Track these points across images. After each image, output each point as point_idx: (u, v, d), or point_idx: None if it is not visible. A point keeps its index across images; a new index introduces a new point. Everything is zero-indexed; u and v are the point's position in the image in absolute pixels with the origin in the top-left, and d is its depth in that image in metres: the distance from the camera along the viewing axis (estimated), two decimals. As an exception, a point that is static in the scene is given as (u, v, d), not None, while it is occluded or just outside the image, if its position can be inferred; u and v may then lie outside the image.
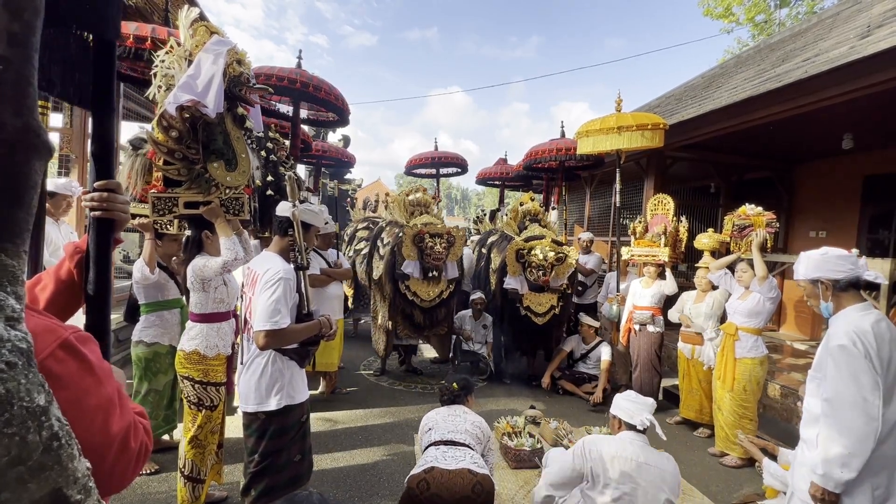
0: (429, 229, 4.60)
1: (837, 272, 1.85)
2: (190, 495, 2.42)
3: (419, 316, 4.79)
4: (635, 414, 2.10)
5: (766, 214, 4.05)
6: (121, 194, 1.07)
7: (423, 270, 4.64)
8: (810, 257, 1.95)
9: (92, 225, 1.05)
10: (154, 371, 2.96)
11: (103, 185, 1.04)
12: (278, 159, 3.26)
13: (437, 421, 2.42)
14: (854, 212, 6.17)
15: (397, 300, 4.75)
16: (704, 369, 4.04)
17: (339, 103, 5.00)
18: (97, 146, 1.06)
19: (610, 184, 7.74)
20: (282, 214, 2.12)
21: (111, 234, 1.06)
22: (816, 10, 12.82)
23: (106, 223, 1.05)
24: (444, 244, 4.57)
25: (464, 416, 2.43)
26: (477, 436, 2.34)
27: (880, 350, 1.68)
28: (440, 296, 4.75)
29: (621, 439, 2.07)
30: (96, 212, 1.03)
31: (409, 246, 4.57)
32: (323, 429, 3.72)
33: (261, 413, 2.03)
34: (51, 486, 0.50)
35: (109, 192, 1.04)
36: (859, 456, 1.65)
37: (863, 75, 3.58)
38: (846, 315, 1.81)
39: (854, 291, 1.85)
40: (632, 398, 2.20)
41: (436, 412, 2.51)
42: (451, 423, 2.37)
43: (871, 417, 1.65)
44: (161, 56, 2.34)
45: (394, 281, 4.71)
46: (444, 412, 2.48)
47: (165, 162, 2.33)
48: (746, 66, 6.59)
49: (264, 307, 1.90)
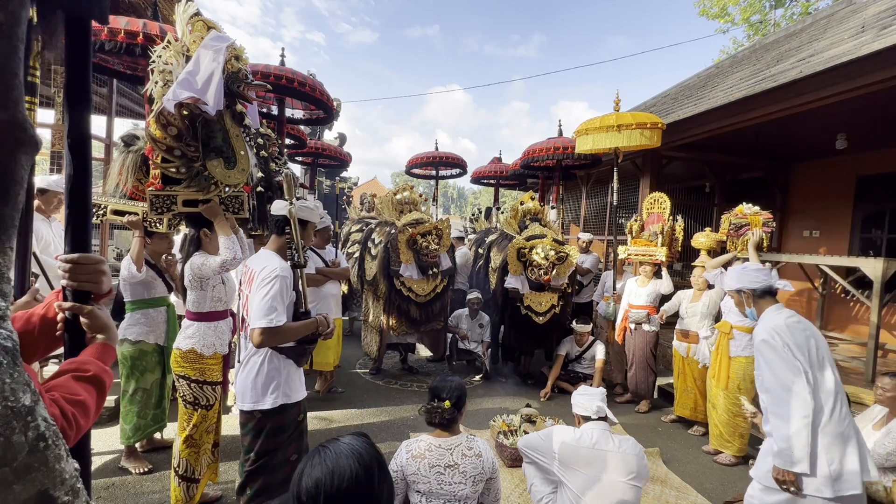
0: (418, 229, 4.70)
1: (755, 283, 2.21)
2: (184, 495, 2.40)
3: (415, 311, 4.84)
4: (587, 405, 2.22)
5: (762, 214, 4.08)
6: (89, 264, 0.98)
7: (422, 269, 4.75)
8: (733, 272, 2.33)
9: (66, 293, 0.99)
10: (141, 369, 2.93)
11: (67, 258, 0.98)
12: (269, 155, 3.23)
13: (430, 482, 1.83)
14: (847, 211, 6.22)
15: (393, 297, 4.80)
16: (699, 368, 4.06)
17: (324, 99, 4.97)
18: (73, 138, 0.99)
19: (606, 183, 7.76)
20: (278, 213, 2.11)
21: (87, 302, 1.00)
22: (811, 11, 12.90)
23: (79, 292, 0.99)
24: (435, 239, 4.71)
25: (462, 469, 1.85)
26: (478, 492, 1.91)
27: (796, 339, 2.00)
28: (434, 290, 4.84)
29: (583, 429, 2.18)
30: (67, 282, 0.98)
31: (405, 251, 4.67)
32: (318, 428, 3.71)
33: (257, 411, 2.01)
34: (37, 488, 0.49)
35: (75, 265, 0.97)
36: (803, 432, 1.90)
37: (857, 76, 3.60)
38: (765, 316, 2.16)
39: (770, 297, 2.21)
40: (581, 392, 2.32)
41: (426, 461, 1.86)
42: (449, 486, 1.83)
43: (801, 398, 1.93)
44: (158, 51, 2.30)
45: (389, 278, 4.74)
46: (436, 462, 1.86)
47: (164, 160, 2.30)
48: (742, 66, 6.62)
49: (260, 304, 1.89)
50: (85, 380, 0.86)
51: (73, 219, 1.00)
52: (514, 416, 3.65)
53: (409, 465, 1.87)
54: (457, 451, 1.90)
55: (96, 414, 0.87)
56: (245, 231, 3.15)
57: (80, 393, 0.82)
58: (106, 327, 1.00)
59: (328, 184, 10.94)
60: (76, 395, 0.81)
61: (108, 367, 0.95)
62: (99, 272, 1.00)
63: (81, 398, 0.82)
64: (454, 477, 1.85)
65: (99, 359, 0.93)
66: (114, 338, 1.01)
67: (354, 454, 0.93)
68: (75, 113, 0.99)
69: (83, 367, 0.88)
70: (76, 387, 0.83)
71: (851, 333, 5.97)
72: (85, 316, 0.98)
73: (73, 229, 1.00)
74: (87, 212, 1.02)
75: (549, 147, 6.55)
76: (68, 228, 1.00)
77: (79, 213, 1.00)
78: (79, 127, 0.99)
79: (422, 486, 1.85)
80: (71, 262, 0.97)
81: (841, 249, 6.20)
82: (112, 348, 1.00)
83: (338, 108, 7.74)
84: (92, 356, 0.93)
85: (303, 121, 6.12)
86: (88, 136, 1.02)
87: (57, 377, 0.86)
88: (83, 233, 1.01)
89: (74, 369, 0.87)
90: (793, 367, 1.97)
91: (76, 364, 0.89)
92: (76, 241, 1.00)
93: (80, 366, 0.89)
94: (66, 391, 0.82)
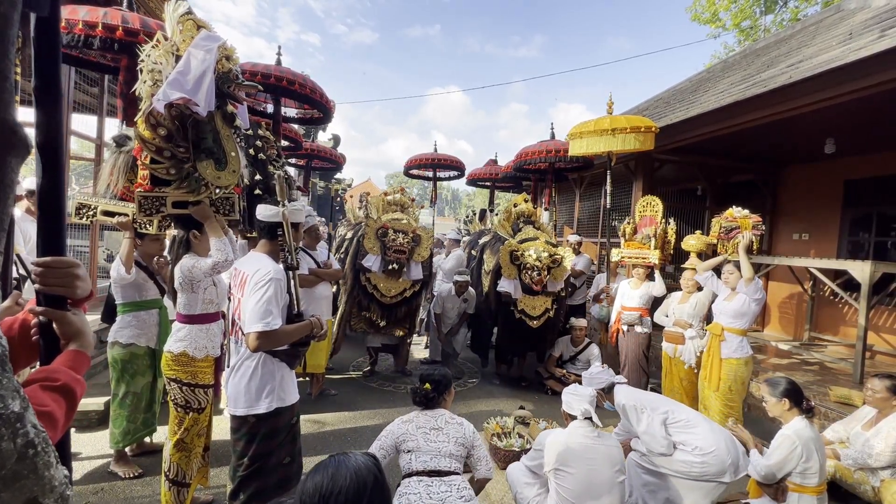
0: (393, 224, 4.57)
1: (602, 383, 2.83)
2: (174, 499, 2.37)
3: (376, 311, 4.67)
4: (575, 405, 2.30)
5: (752, 217, 4.12)
6: (61, 267, 0.95)
7: (384, 263, 4.55)
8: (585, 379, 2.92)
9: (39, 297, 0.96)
10: (132, 373, 2.89)
11: (38, 261, 0.94)
12: (268, 158, 3.21)
13: (418, 440, 2.09)
14: (835, 214, 6.32)
15: (355, 292, 4.65)
16: (685, 368, 4.10)
17: (322, 99, 4.94)
18: (42, 136, 0.93)
19: (599, 185, 7.81)
20: (270, 219, 2.07)
21: (62, 307, 0.98)
22: (800, 18, 13.10)
23: (52, 296, 0.96)
24: (407, 239, 4.53)
25: (446, 431, 2.13)
26: (461, 455, 2.13)
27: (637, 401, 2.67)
28: (402, 294, 4.65)
29: (569, 429, 2.27)
30: (39, 286, 0.95)
31: (372, 239, 4.52)
32: (311, 430, 3.68)
33: (251, 416, 1.99)
34: (26, 496, 0.49)
35: (46, 268, 0.94)
36: None
37: (844, 81, 3.66)
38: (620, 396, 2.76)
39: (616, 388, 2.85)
40: (571, 391, 2.40)
41: (413, 423, 2.16)
42: (434, 444, 2.08)
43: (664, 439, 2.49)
44: (147, 50, 2.28)
45: (355, 271, 4.63)
46: (423, 424, 2.15)
47: (153, 160, 2.27)
48: (733, 71, 6.70)
49: (255, 308, 1.87)
50: (54, 389, 0.82)
51: (44, 221, 0.97)
52: (507, 419, 3.66)
53: (399, 427, 2.15)
54: (440, 419, 2.19)
55: (65, 426, 0.83)
56: (237, 232, 3.13)
57: (48, 404, 0.79)
58: (79, 334, 0.96)
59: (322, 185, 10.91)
60: (44, 405, 0.78)
61: (81, 375, 0.91)
62: (72, 276, 0.96)
63: (49, 409, 0.78)
64: (439, 437, 2.11)
65: (71, 367, 0.89)
66: (87, 345, 0.97)
67: (354, 467, 1.03)
68: (44, 111, 0.94)
69: (53, 377, 0.84)
70: (44, 397, 0.80)
71: (840, 335, 6.06)
72: (57, 321, 0.94)
73: (45, 232, 0.97)
74: (59, 214, 0.98)
75: (541, 150, 6.59)
76: (40, 231, 0.97)
77: (51, 216, 0.97)
78: (49, 126, 0.95)
79: (410, 443, 2.09)
80: (42, 266, 0.94)
81: (829, 252, 6.29)
82: (86, 356, 0.96)
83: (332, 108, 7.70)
84: (63, 364, 0.89)
85: (298, 120, 6.10)
86: (60, 136, 0.97)
87: (26, 386, 0.82)
88: (56, 236, 0.98)
89: (43, 378, 0.83)
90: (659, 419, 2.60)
91: (46, 373, 0.86)
92: (48, 244, 0.97)
93: (49, 374, 0.85)
94: (33, 402, 0.79)
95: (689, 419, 2.53)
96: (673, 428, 2.52)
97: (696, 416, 2.59)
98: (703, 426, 2.49)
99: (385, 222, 4.57)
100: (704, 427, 2.48)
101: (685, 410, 2.63)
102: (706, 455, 2.37)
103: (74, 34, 3.09)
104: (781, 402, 2.47)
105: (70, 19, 3.09)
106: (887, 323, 5.67)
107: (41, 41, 0.93)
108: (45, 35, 0.94)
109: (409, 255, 4.61)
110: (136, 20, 3.23)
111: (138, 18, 3.26)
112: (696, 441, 2.42)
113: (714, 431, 2.46)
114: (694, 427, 2.48)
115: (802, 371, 4.93)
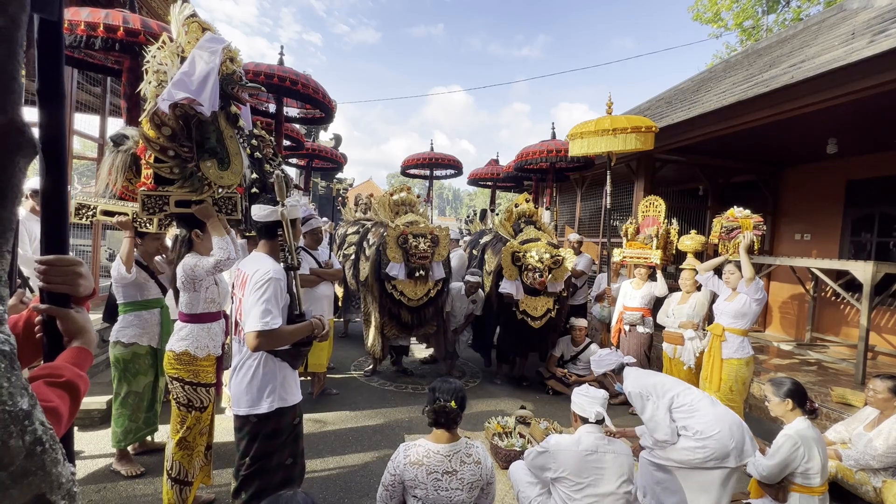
0: (411, 229, 4.55)
1: (611, 364, 2.89)
2: (177, 498, 2.38)
3: (406, 315, 4.73)
4: (587, 407, 2.23)
5: (753, 217, 4.12)
6: (63, 265, 0.96)
7: (409, 271, 4.54)
8: (592, 361, 3.08)
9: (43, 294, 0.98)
10: (133, 372, 2.90)
11: (41, 259, 0.96)
12: (264, 156, 3.22)
13: (427, 489, 1.85)
14: (837, 215, 6.30)
15: (384, 300, 4.71)
16: (684, 369, 4.10)
17: (324, 99, 4.95)
18: (45, 137, 0.95)
19: (601, 185, 7.80)
20: (265, 219, 2.06)
21: (65, 304, 0.99)
22: (803, 17, 13.07)
23: (55, 294, 0.97)
24: (428, 243, 4.50)
25: (461, 475, 1.88)
26: (473, 497, 1.93)
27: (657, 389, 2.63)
28: (427, 294, 4.68)
29: (578, 434, 2.20)
30: (42, 283, 0.97)
31: (394, 248, 4.50)
32: (312, 430, 3.69)
33: (252, 416, 2.00)
34: (34, 492, 0.49)
35: (49, 266, 0.95)
36: None
37: (847, 82, 3.65)
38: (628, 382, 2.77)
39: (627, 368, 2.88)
40: (583, 392, 2.32)
41: (424, 467, 1.87)
42: (445, 492, 1.84)
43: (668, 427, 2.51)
44: (153, 51, 2.30)
45: (380, 281, 4.66)
46: (436, 467, 1.87)
47: (157, 160, 2.29)
48: (735, 71, 6.70)
49: (255, 308, 1.87)
50: (58, 385, 0.83)
51: (47, 220, 0.98)
52: (508, 418, 3.66)
53: (408, 470, 1.89)
54: (455, 457, 1.91)
55: (69, 422, 0.84)
56: (238, 232, 3.14)
57: (53, 399, 0.80)
58: (82, 331, 0.97)
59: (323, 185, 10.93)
60: (48, 401, 0.79)
61: (84, 372, 0.92)
62: (74, 274, 0.97)
63: (54, 405, 0.79)
64: (451, 483, 1.86)
65: (74, 364, 0.90)
66: (90, 342, 0.98)
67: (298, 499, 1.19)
68: (47, 111, 0.96)
69: (56, 373, 0.86)
70: (49, 393, 0.81)
71: (842, 336, 6.05)
72: (60, 319, 0.96)
73: (48, 231, 0.98)
74: (62, 213, 1.00)
75: (542, 150, 6.59)
76: (43, 230, 0.98)
77: (54, 214, 0.98)
78: (51, 125, 0.96)
79: (419, 491, 1.87)
80: (45, 264, 0.95)
81: (831, 252, 6.28)
82: (88, 353, 0.97)
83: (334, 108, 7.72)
84: (67, 361, 0.91)
85: (300, 119, 6.11)
86: (63, 136, 0.99)
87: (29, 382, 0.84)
88: (59, 234, 0.99)
89: (47, 374, 0.85)
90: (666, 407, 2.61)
91: (49, 369, 0.87)
92: (51, 242, 0.98)
93: (53, 371, 0.86)
94: (38, 398, 0.80)
95: (693, 403, 2.49)
96: (677, 413, 2.49)
97: (701, 399, 2.52)
98: (707, 409, 2.44)
99: (403, 229, 4.53)
100: (708, 410, 2.44)
101: (691, 393, 2.57)
102: (707, 439, 2.34)
103: (77, 35, 3.11)
104: (785, 403, 2.46)
105: (72, 20, 3.11)
106: (889, 323, 5.66)
107: (44, 42, 0.94)
108: (49, 36, 0.95)
109: (431, 257, 4.61)
110: (137, 21, 3.25)
111: (139, 19, 3.29)
112: (698, 425, 2.39)
113: (718, 414, 2.42)
114: (697, 411, 2.44)
115: (804, 371, 4.92)
